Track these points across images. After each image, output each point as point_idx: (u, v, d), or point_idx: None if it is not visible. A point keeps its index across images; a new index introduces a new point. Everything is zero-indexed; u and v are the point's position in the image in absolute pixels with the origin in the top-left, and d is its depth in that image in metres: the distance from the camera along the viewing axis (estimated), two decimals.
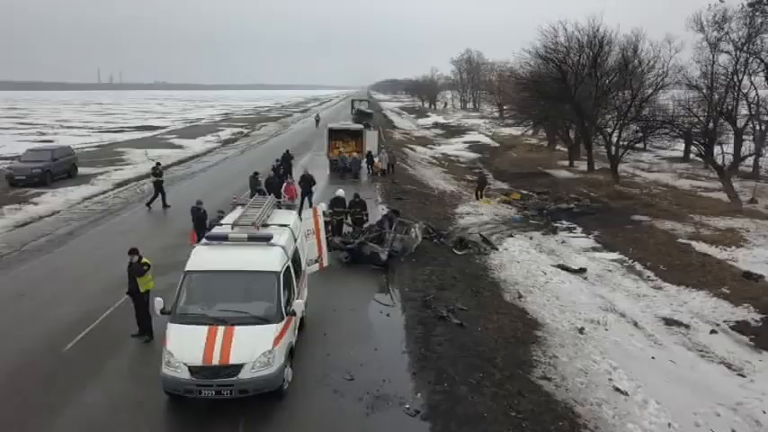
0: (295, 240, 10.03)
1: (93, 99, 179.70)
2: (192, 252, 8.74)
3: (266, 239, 8.81)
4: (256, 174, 19.98)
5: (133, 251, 9.95)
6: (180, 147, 42.81)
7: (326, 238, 14.11)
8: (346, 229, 16.68)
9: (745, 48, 29.18)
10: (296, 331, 9.05)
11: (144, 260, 10.00)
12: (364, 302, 12.25)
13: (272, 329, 7.87)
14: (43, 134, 56.68)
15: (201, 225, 14.24)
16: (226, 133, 53.74)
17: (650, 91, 31.85)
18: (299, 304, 8.52)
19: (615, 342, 11.84)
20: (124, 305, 10.69)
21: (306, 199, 19.91)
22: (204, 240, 9.09)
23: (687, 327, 13.43)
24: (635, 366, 10.60)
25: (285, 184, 19.83)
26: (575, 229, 23.23)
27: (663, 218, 24.20)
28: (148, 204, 20.95)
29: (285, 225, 9.95)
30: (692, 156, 40.15)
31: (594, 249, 20.27)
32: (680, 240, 20.41)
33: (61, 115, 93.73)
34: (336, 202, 16.75)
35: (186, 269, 8.45)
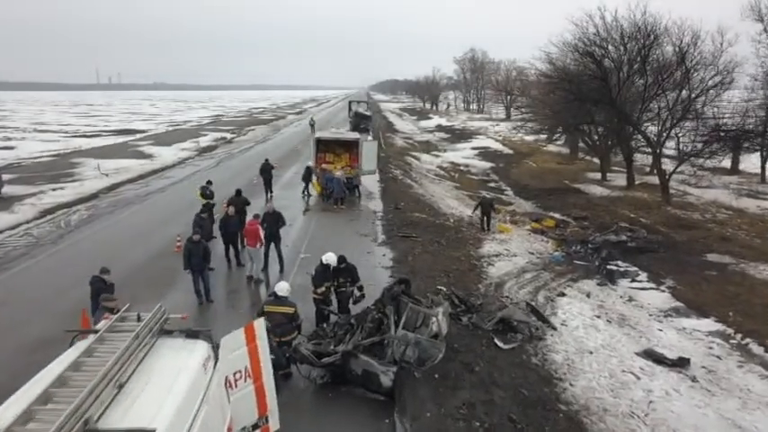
0: None
1: (85, 100, 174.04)
2: None
3: None
4: (205, 208, 13.91)
5: None
6: (149, 156, 37.10)
7: (290, 341, 8.31)
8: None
9: None
10: None
11: None
12: None
13: None
14: (9, 139, 52.43)
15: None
16: (207, 139, 47.97)
17: (709, 91, 26.10)
18: None
19: None
20: None
21: (272, 246, 13.83)
22: None
23: None
24: None
25: (247, 224, 13.67)
26: (637, 275, 17.46)
27: (751, 259, 18.45)
28: None
29: None
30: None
31: (677, 312, 14.52)
32: None
33: (43, 117, 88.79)
34: (323, 274, 10.27)
35: None
